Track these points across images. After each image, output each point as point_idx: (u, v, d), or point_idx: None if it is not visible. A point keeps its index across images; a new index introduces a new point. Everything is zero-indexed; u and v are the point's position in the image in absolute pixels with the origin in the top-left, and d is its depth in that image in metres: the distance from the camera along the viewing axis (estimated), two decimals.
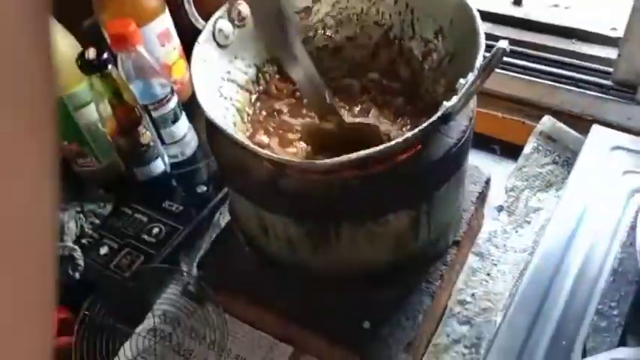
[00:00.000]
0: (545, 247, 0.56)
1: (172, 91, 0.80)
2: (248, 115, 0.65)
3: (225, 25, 0.63)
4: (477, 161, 0.89)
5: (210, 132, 0.57)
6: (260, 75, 0.67)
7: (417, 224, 0.56)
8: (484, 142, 0.89)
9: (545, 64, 0.87)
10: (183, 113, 0.84)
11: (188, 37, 0.63)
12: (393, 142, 0.48)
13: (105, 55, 0.68)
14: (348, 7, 0.68)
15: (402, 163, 0.52)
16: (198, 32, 0.61)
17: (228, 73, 0.64)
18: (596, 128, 0.67)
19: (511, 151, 0.88)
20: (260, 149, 0.50)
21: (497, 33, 0.93)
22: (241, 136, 0.52)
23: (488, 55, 0.47)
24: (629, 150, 0.63)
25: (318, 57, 0.66)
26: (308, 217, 0.54)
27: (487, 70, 0.46)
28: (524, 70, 0.88)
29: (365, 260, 0.58)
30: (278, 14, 0.66)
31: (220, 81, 0.62)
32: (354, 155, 0.48)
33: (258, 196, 0.56)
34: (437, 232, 0.61)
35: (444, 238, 0.64)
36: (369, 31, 0.68)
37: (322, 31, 0.70)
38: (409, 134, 0.48)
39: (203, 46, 0.60)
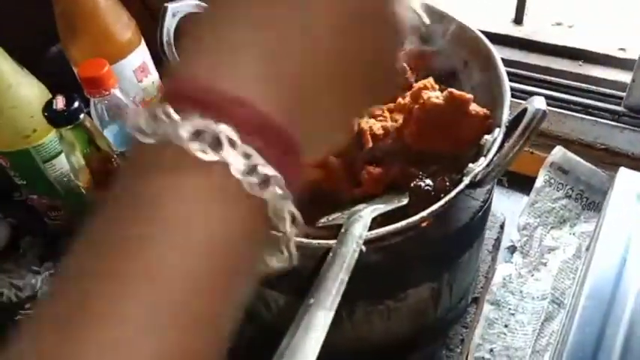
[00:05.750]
0: (582, 322, 0.51)
1: None
2: None
3: None
4: None
5: None
6: None
7: (438, 295, 0.50)
8: None
9: (552, 89, 0.82)
10: None
11: None
12: (417, 217, 0.41)
13: (75, 104, 0.60)
14: None
15: (423, 233, 0.46)
16: None
17: None
18: (622, 172, 0.62)
19: (519, 182, 0.83)
20: None
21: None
22: None
23: (522, 117, 0.41)
24: None
25: None
26: None
27: (525, 135, 0.39)
28: (530, 95, 0.82)
29: (380, 336, 0.52)
30: None
31: None
32: (372, 233, 0.41)
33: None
34: (457, 297, 0.55)
35: (464, 299, 0.58)
36: None
37: None
38: (434, 207, 0.42)
39: None
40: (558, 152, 0.77)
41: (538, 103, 0.39)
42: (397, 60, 0.25)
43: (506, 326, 0.68)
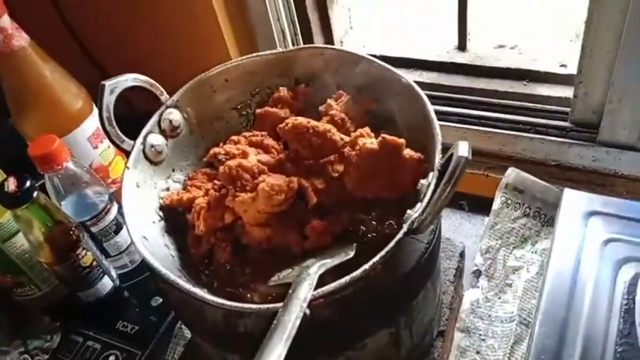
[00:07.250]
0: (539, 341, 0.52)
1: (111, 199, 0.73)
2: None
3: (156, 139, 0.56)
4: (446, 221, 0.86)
5: (152, 271, 0.50)
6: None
7: (398, 339, 0.51)
8: (450, 200, 0.85)
9: (500, 112, 0.84)
10: None
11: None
12: (362, 269, 0.42)
13: (27, 184, 0.61)
14: None
15: (372, 282, 0.47)
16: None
17: (167, 190, 0.57)
18: (567, 193, 0.63)
19: (479, 205, 0.84)
20: (211, 297, 0.44)
21: (444, 82, 0.89)
22: (188, 285, 0.45)
23: (451, 160, 0.42)
24: (605, 215, 0.59)
25: None
26: None
27: (451, 183, 0.41)
28: (480, 120, 0.84)
29: None
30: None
31: (159, 202, 0.56)
32: (317, 292, 0.42)
33: (215, 337, 0.49)
34: (420, 336, 0.55)
35: (428, 335, 0.58)
36: None
37: None
38: (377, 257, 0.43)
39: (133, 169, 0.53)
40: (512, 173, 0.79)
41: (462, 150, 0.41)
42: None
43: (478, 352, 0.69)
